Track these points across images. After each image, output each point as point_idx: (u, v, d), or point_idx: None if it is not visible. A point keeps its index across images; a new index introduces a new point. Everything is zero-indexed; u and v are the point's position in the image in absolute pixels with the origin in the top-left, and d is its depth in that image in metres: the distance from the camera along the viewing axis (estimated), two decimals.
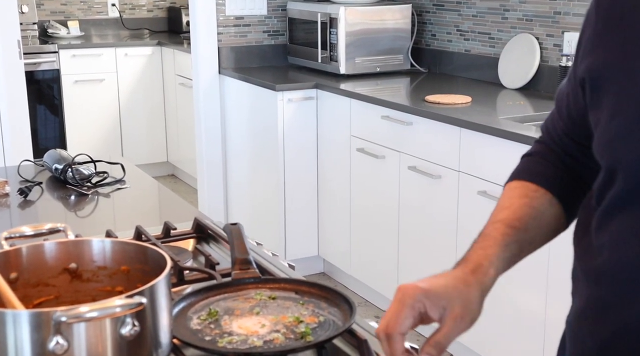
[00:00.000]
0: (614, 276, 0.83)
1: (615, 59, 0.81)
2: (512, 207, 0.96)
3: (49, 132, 4.99)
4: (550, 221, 0.97)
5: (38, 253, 1.03)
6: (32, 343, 0.83)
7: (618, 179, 0.82)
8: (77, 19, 5.52)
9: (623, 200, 0.82)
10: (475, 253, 0.90)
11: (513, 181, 1.02)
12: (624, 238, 0.81)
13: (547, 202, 0.97)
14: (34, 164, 2.11)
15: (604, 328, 0.84)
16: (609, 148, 0.83)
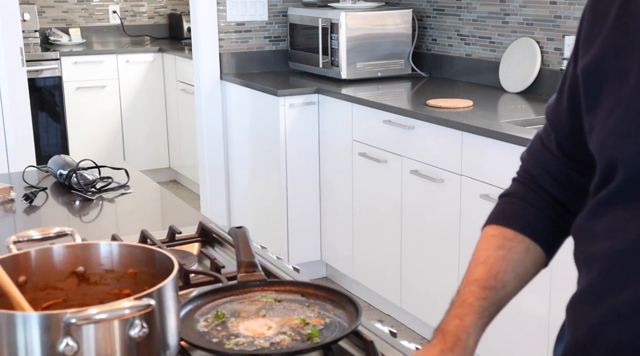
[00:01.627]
0: (607, 263, 0.85)
1: (611, 54, 0.83)
2: (488, 261, 0.97)
3: (51, 138, 5.00)
4: (528, 268, 0.98)
5: (46, 256, 1.04)
6: (42, 345, 0.84)
7: (618, 172, 0.83)
8: (78, 26, 5.54)
9: (622, 192, 0.83)
10: (453, 324, 0.93)
11: (490, 226, 1.02)
12: (619, 227, 0.83)
13: (524, 249, 0.98)
14: (38, 170, 2.12)
15: (595, 313, 0.86)
16: (608, 144, 0.84)
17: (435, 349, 0.91)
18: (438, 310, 3.27)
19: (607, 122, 0.84)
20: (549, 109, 1.00)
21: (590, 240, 0.88)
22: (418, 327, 3.10)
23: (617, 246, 0.83)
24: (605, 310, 0.84)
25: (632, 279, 0.82)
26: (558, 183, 0.99)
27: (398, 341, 1.10)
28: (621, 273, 0.83)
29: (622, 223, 0.83)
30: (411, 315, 3.09)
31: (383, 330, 1.13)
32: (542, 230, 0.99)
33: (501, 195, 1.05)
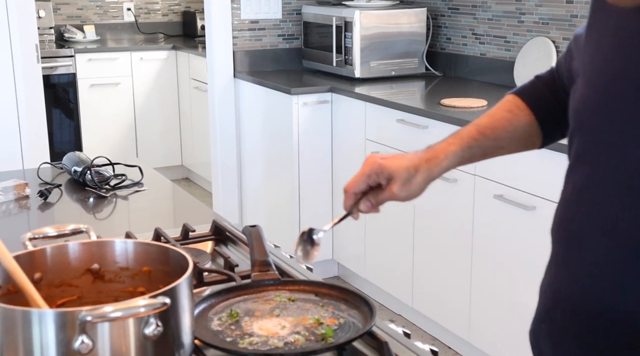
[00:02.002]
0: (563, 232, 0.95)
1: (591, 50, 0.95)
2: (494, 116, 1.11)
3: (65, 135, 5.02)
4: (522, 138, 1.12)
5: (62, 253, 1.04)
6: (58, 343, 0.84)
7: (575, 141, 0.94)
8: (93, 23, 5.56)
9: (579, 158, 0.93)
10: (440, 145, 1.09)
11: (512, 94, 1.16)
12: (573, 197, 0.93)
13: (527, 123, 1.11)
14: (52, 167, 2.13)
15: (556, 282, 0.95)
16: (574, 111, 0.96)
17: (416, 155, 1.08)
18: (450, 310, 3.28)
19: (580, 92, 0.95)
20: (559, 62, 1.14)
21: (559, 208, 0.98)
22: (430, 328, 3.09)
23: (569, 216, 0.93)
24: (564, 277, 0.93)
25: (584, 246, 0.89)
26: (567, 93, 1.08)
27: (412, 342, 1.10)
28: (574, 242, 0.91)
29: (576, 192, 0.93)
30: (423, 315, 3.09)
31: (397, 330, 1.13)
32: (549, 115, 1.12)
33: (536, 76, 1.17)
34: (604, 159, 0.88)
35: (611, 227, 0.85)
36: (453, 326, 2.88)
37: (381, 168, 1.04)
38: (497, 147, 1.12)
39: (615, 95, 0.87)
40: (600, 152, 0.89)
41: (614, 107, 0.87)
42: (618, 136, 0.86)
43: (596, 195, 0.88)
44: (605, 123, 0.88)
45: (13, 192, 1.85)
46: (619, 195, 0.85)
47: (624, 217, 0.84)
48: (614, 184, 0.86)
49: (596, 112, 0.90)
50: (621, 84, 0.86)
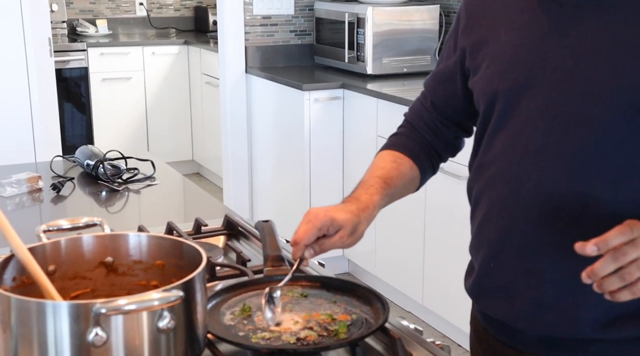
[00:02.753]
0: (503, 176, 1.10)
1: (486, 34, 1.15)
2: (386, 168, 1.27)
3: (76, 129, 5.04)
4: (409, 182, 1.30)
5: (76, 246, 1.05)
6: (72, 334, 0.84)
7: (497, 105, 1.11)
8: (105, 17, 5.57)
9: (501, 120, 1.11)
10: (365, 197, 1.21)
11: (384, 151, 1.33)
12: (508, 143, 1.09)
13: (409, 167, 1.29)
14: (65, 160, 2.14)
15: (503, 219, 1.11)
16: (489, 86, 1.13)
17: (352, 206, 1.18)
18: (460, 308, 3.24)
19: (487, 71, 1.13)
20: (428, 81, 1.34)
21: (483, 170, 1.15)
22: (440, 325, 3.08)
23: (508, 159, 1.08)
24: (510, 212, 1.09)
25: (526, 177, 1.06)
26: (431, 131, 1.32)
27: (424, 338, 1.09)
28: (516, 178, 1.07)
29: (506, 147, 1.09)
30: (433, 312, 3.08)
31: (409, 327, 1.13)
32: (421, 159, 1.31)
33: (390, 136, 1.36)
34: (527, 107, 1.07)
35: (546, 153, 1.04)
36: (463, 324, 2.87)
37: (332, 221, 1.13)
38: (395, 194, 1.27)
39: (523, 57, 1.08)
40: (521, 104, 1.07)
41: (524, 65, 1.08)
42: (533, 86, 1.06)
43: (528, 136, 1.07)
44: (520, 82, 1.08)
45: (26, 185, 1.86)
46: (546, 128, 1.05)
47: (547, 141, 1.04)
48: (540, 123, 1.05)
49: (509, 77, 1.10)
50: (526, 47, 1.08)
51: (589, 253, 0.89)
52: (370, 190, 1.22)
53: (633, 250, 0.89)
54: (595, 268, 0.89)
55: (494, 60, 1.13)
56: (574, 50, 1.03)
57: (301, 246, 1.13)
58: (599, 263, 0.89)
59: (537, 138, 1.05)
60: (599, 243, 0.89)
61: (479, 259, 1.20)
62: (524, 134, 1.07)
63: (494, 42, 1.14)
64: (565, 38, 1.04)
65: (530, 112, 1.07)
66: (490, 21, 1.16)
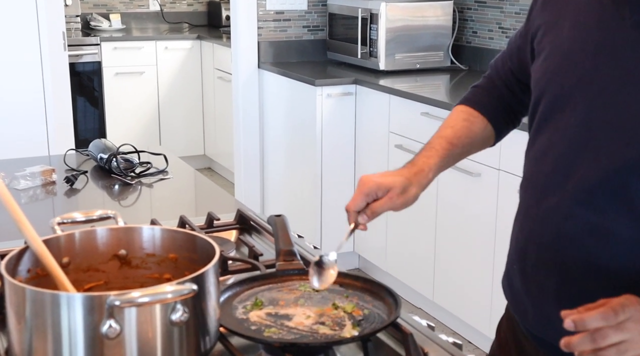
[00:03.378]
0: (533, 182, 1.10)
1: (554, 20, 1.11)
2: (455, 127, 1.26)
3: (89, 123, 5.06)
4: (480, 140, 1.29)
5: (90, 239, 1.05)
6: (86, 326, 0.85)
7: (541, 105, 1.09)
8: (118, 12, 5.59)
9: (544, 120, 1.08)
10: (421, 160, 1.22)
11: (461, 105, 1.32)
12: (542, 152, 1.08)
13: (482, 126, 1.28)
14: (79, 153, 2.15)
15: (526, 226, 1.10)
16: (540, 82, 1.10)
17: (404, 170, 1.19)
18: (471, 304, 3.24)
19: (543, 65, 1.10)
20: (511, 41, 1.29)
21: (525, 167, 1.14)
22: (450, 322, 3.08)
23: (539, 167, 1.08)
24: (532, 222, 1.08)
25: (550, 191, 1.04)
26: (509, 91, 1.29)
27: (436, 334, 1.09)
28: (544, 191, 1.06)
29: (545, 149, 1.07)
30: (443, 309, 3.08)
31: (421, 323, 1.13)
32: (498, 116, 1.29)
33: (472, 86, 1.35)
34: (566, 118, 1.04)
35: (572, 173, 1.01)
36: (474, 321, 2.87)
37: (378, 186, 1.15)
38: (463, 153, 1.28)
39: (574, 63, 1.04)
40: (562, 113, 1.04)
41: (572, 74, 1.04)
42: (576, 98, 1.03)
43: (560, 148, 1.04)
44: (565, 89, 1.05)
45: (40, 178, 1.87)
46: (578, 146, 1.02)
47: (582, 163, 1.01)
48: (574, 139, 1.02)
49: (557, 81, 1.06)
50: (579, 54, 1.04)
51: (567, 328, 0.84)
52: (429, 153, 1.22)
53: (615, 334, 0.84)
54: (572, 342, 0.85)
55: (550, 54, 1.09)
56: (625, 73, 0.98)
57: (352, 213, 1.15)
58: (576, 338, 0.84)
59: (568, 158, 1.02)
60: (577, 321, 0.84)
61: (509, 254, 1.17)
62: (558, 148, 1.04)
63: (557, 33, 1.09)
64: (619, 57, 0.99)
65: (570, 127, 1.03)
66: (562, 6, 1.10)
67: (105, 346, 0.85)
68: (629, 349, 0.84)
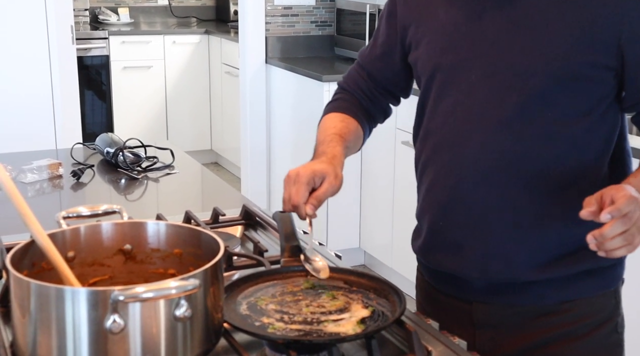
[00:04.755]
0: (449, 141, 1.22)
1: (425, 11, 1.27)
2: (337, 127, 1.35)
3: (97, 117, 5.07)
4: (357, 139, 1.39)
5: (95, 233, 1.05)
6: (90, 321, 0.85)
7: (437, 77, 1.23)
8: (127, 6, 5.59)
9: (442, 91, 1.22)
10: (329, 149, 1.28)
11: (329, 114, 1.41)
12: (450, 109, 1.21)
13: (355, 126, 1.38)
14: (85, 147, 2.15)
15: (450, 179, 1.22)
16: (431, 60, 1.24)
17: (322, 157, 1.25)
18: None
19: (428, 47, 1.25)
20: (364, 53, 1.43)
21: (428, 139, 1.27)
22: None
23: (453, 124, 1.20)
24: (457, 172, 1.21)
25: (469, 137, 1.18)
26: (368, 98, 1.41)
27: (440, 332, 1.09)
28: (462, 140, 1.19)
29: (449, 108, 1.21)
30: None
31: (425, 320, 1.12)
32: (362, 121, 1.40)
33: (328, 103, 1.45)
34: (465, 80, 1.18)
35: (481, 113, 1.18)
36: None
37: (314, 173, 1.19)
38: (350, 149, 1.35)
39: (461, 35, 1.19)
40: (461, 77, 1.19)
41: (463, 43, 1.19)
42: (472, 60, 1.18)
43: (469, 102, 1.18)
44: (460, 56, 1.20)
45: (47, 171, 1.87)
46: (486, 96, 1.17)
47: (487, 108, 1.17)
48: (480, 91, 1.17)
49: (449, 53, 1.21)
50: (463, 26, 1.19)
51: (603, 220, 0.97)
52: (331, 144, 1.29)
53: (636, 212, 0.99)
54: (605, 231, 0.98)
55: (434, 36, 1.24)
56: (511, 25, 1.14)
57: (301, 205, 1.17)
58: (608, 227, 0.97)
59: (477, 105, 1.17)
60: (613, 211, 0.97)
61: (427, 220, 1.30)
62: (465, 103, 1.19)
63: (433, 19, 1.24)
64: (503, 14, 1.15)
65: (471, 82, 1.18)
66: (428, 2, 1.26)
67: (109, 341, 0.85)
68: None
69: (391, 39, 1.35)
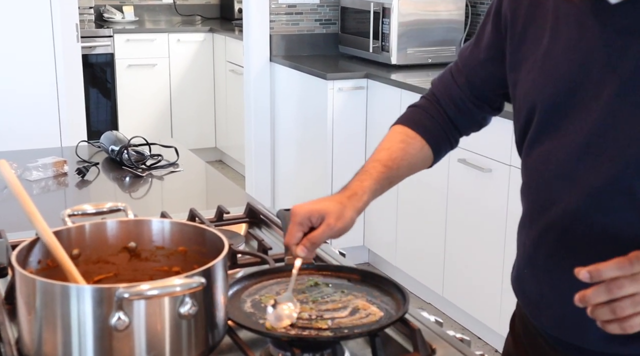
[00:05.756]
0: (536, 190, 1.09)
1: (529, 30, 1.09)
2: (391, 149, 1.24)
3: (101, 115, 5.08)
4: (418, 162, 1.27)
5: (100, 231, 1.06)
6: (95, 318, 0.86)
7: (536, 114, 1.07)
8: (132, 4, 5.60)
9: (540, 131, 1.07)
10: (354, 184, 1.19)
11: (397, 125, 1.29)
12: (542, 160, 1.07)
13: (419, 148, 1.26)
14: (90, 145, 2.16)
15: (534, 230, 1.10)
16: (530, 94, 1.09)
17: (337, 195, 1.17)
18: (481, 300, 3.23)
19: (528, 77, 1.09)
20: (464, 54, 1.27)
21: (525, 175, 1.13)
22: (460, 317, 3.08)
23: (542, 174, 1.07)
24: (540, 225, 1.07)
25: (556, 197, 1.04)
26: (456, 108, 1.27)
27: (444, 330, 1.09)
28: (548, 196, 1.06)
29: (545, 156, 1.07)
30: (453, 304, 3.07)
31: (429, 318, 1.13)
32: (436, 137, 1.27)
33: (409, 106, 1.32)
34: (565, 126, 1.03)
35: (576, 178, 1.02)
36: (484, 317, 2.87)
37: (311, 213, 1.12)
38: (400, 175, 1.25)
39: (562, 73, 1.03)
40: (560, 121, 1.04)
41: (562, 83, 1.03)
42: (572, 106, 1.02)
43: (562, 155, 1.04)
44: (560, 98, 1.04)
45: (52, 169, 1.88)
46: (580, 152, 1.01)
47: (585, 168, 1.01)
48: (575, 145, 1.02)
49: (548, 91, 1.05)
50: (566, 63, 1.03)
51: (582, 279, 0.85)
52: (363, 177, 1.21)
53: (630, 284, 0.84)
54: (587, 294, 0.85)
55: (534, 65, 1.08)
56: (622, 76, 0.97)
57: (292, 247, 1.12)
58: (591, 290, 0.85)
59: (570, 164, 1.03)
60: (593, 272, 0.85)
61: (518, 258, 1.18)
62: (559, 155, 1.04)
63: (535, 43, 1.08)
64: (611, 60, 0.98)
65: (569, 134, 1.03)
66: (535, 17, 1.09)
67: (114, 338, 0.86)
68: None
69: (498, 43, 1.17)
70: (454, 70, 1.28)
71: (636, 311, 0.84)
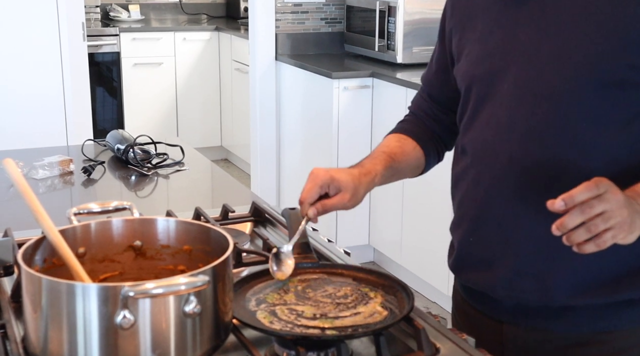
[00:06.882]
0: (482, 147, 1.19)
1: (465, 22, 1.25)
2: (390, 147, 1.34)
3: (107, 113, 5.09)
4: (413, 161, 1.37)
5: (105, 229, 1.06)
6: (100, 316, 0.86)
7: (473, 90, 1.21)
8: (138, 2, 5.61)
9: (478, 105, 1.20)
10: (369, 164, 1.27)
11: (391, 134, 1.40)
12: (485, 123, 1.18)
13: (412, 148, 1.36)
14: (96, 144, 2.16)
15: (468, 214, 1.25)
16: (468, 72, 1.22)
17: (355, 170, 1.23)
18: None
19: (467, 58, 1.22)
20: (424, 75, 1.43)
21: (463, 154, 1.25)
22: None
23: (485, 134, 1.17)
24: (478, 206, 1.20)
25: (492, 177, 1.16)
26: (431, 118, 1.40)
27: (449, 329, 1.09)
28: (484, 173, 1.18)
29: (485, 121, 1.18)
30: None
31: (434, 317, 1.12)
32: (425, 141, 1.38)
33: (398, 123, 1.44)
34: (499, 92, 1.15)
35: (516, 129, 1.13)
36: None
37: (332, 180, 1.17)
38: (400, 171, 1.33)
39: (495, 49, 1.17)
40: (496, 89, 1.16)
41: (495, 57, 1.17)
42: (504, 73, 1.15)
43: (501, 114, 1.15)
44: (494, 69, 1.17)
45: (58, 168, 1.89)
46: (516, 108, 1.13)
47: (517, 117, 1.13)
48: (511, 104, 1.13)
49: (485, 66, 1.19)
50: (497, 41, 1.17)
51: (557, 209, 0.94)
52: (375, 161, 1.28)
53: (599, 203, 0.94)
54: (564, 220, 0.94)
55: (472, 47, 1.21)
56: (541, 31, 1.11)
57: (305, 204, 1.17)
58: (567, 216, 0.94)
59: (507, 115, 1.14)
60: (566, 199, 0.94)
61: (459, 235, 1.29)
62: (497, 114, 1.16)
63: (472, 29, 1.22)
64: (533, 21, 1.12)
65: (503, 93, 1.15)
66: (469, 10, 1.24)
67: (120, 336, 0.86)
68: (612, 217, 0.95)
69: (444, 54, 1.32)
70: (420, 88, 1.44)
71: (607, 226, 0.94)
